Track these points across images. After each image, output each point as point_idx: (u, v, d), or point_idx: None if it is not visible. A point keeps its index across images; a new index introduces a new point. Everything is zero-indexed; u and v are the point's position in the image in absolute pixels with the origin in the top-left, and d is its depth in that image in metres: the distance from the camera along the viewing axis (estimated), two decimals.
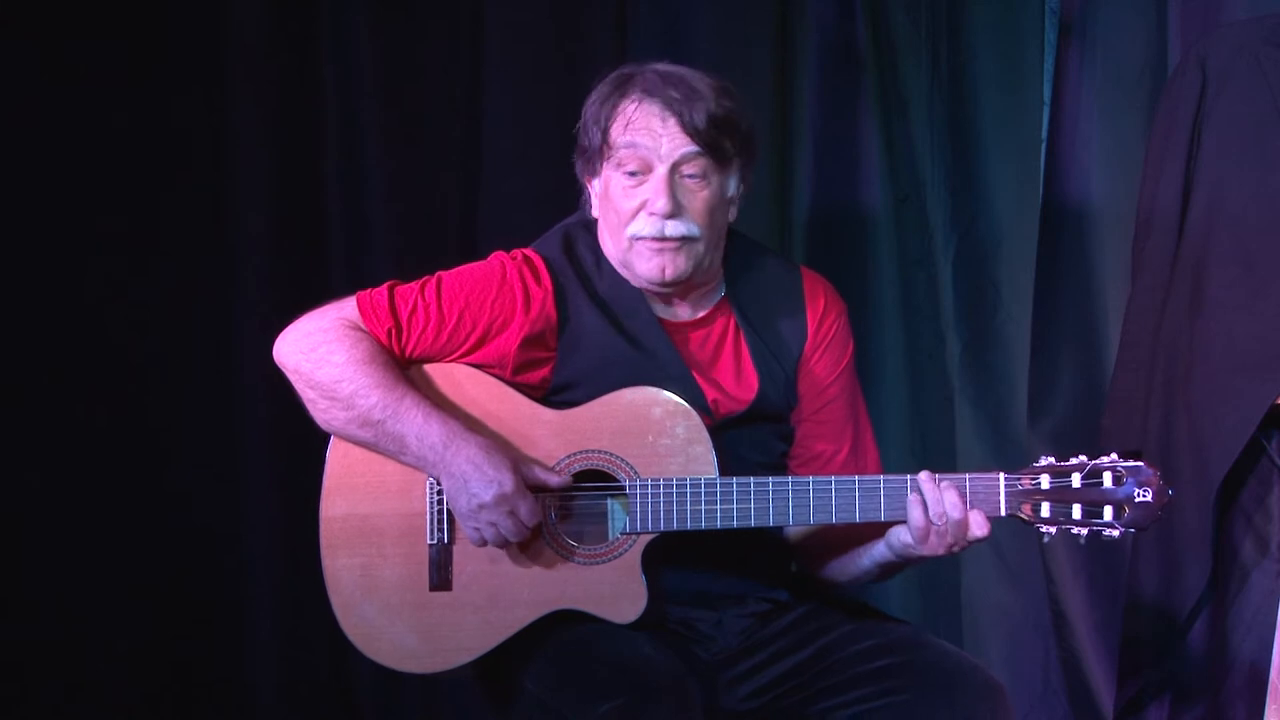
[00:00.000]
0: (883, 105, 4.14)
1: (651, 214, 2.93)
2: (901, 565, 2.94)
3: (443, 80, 4.24)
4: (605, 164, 2.98)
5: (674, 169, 2.93)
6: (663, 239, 2.92)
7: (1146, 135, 3.78)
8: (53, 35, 4.04)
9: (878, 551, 2.93)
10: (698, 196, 2.95)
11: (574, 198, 3.10)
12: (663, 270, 2.94)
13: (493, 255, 3.04)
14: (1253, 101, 3.48)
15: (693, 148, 2.93)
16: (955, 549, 2.83)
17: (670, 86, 2.94)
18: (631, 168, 2.94)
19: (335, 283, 4.10)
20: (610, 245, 3.02)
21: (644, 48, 4.05)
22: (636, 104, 2.95)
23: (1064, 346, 4.05)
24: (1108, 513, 2.81)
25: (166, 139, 4.12)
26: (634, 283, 3.01)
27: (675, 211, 2.92)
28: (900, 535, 2.86)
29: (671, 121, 2.93)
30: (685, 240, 2.93)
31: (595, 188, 3.03)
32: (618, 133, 2.95)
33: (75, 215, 4.06)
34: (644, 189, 2.94)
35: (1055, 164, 4.04)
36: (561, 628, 2.92)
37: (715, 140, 2.94)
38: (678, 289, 3.00)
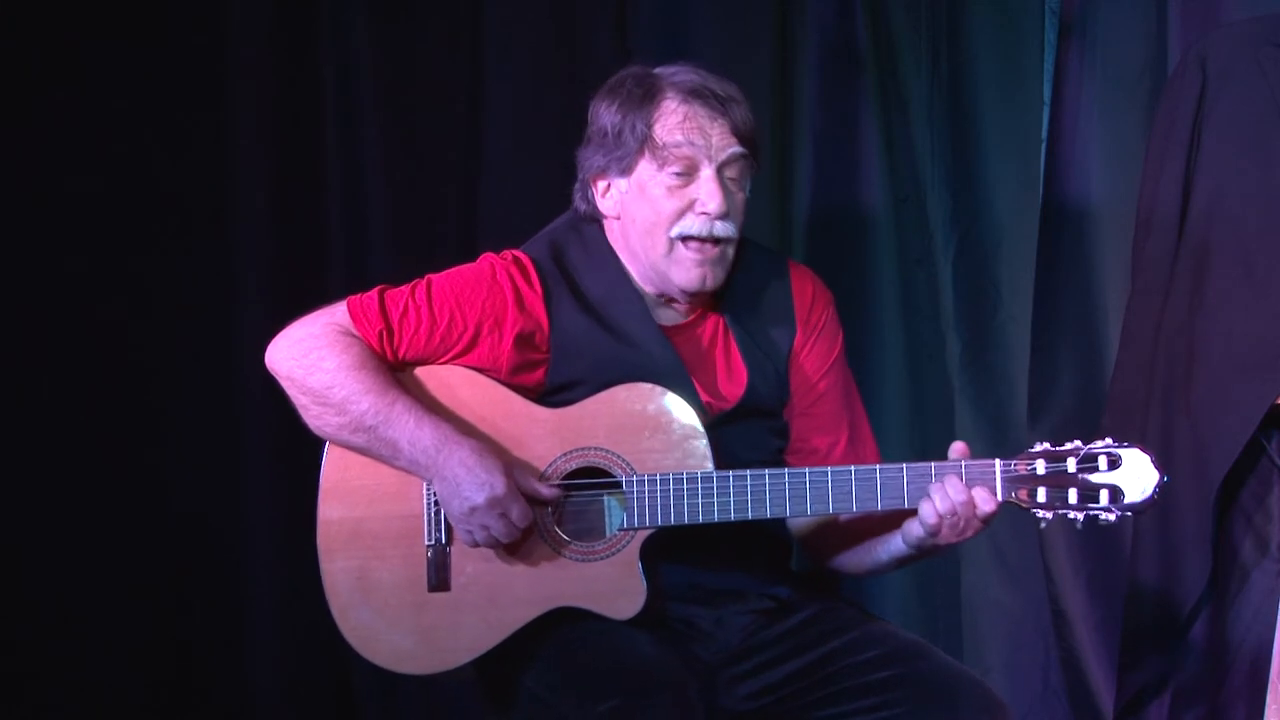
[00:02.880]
0: (883, 105, 4.14)
1: (703, 214, 2.93)
2: (918, 557, 2.94)
3: (443, 80, 4.24)
4: (645, 162, 2.96)
5: (719, 170, 2.94)
6: (713, 239, 2.93)
7: (1146, 135, 3.77)
8: (53, 35, 4.04)
9: (894, 546, 2.93)
10: (737, 198, 2.97)
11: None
12: (704, 280, 2.96)
13: (481, 257, 3.03)
14: (1253, 101, 3.48)
15: (740, 149, 2.95)
16: (969, 534, 2.84)
17: (713, 86, 2.96)
18: (678, 168, 2.94)
19: (335, 283, 4.10)
20: (636, 245, 3.00)
21: (644, 48, 4.06)
22: (685, 104, 2.95)
23: (1064, 346, 4.05)
24: (1104, 496, 2.81)
25: (167, 139, 4.12)
26: (663, 288, 2.99)
27: (726, 212, 2.94)
28: (915, 530, 2.86)
29: (721, 122, 2.94)
30: (728, 242, 2.96)
31: (620, 186, 3.00)
32: (665, 132, 2.94)
33: (75, 215, 4.06)
34: (692, 189, 2.94)
35: (1055, 164, 4.04)
36: (562, 626, 2.92)
37: (755, 143, 2.97)
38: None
